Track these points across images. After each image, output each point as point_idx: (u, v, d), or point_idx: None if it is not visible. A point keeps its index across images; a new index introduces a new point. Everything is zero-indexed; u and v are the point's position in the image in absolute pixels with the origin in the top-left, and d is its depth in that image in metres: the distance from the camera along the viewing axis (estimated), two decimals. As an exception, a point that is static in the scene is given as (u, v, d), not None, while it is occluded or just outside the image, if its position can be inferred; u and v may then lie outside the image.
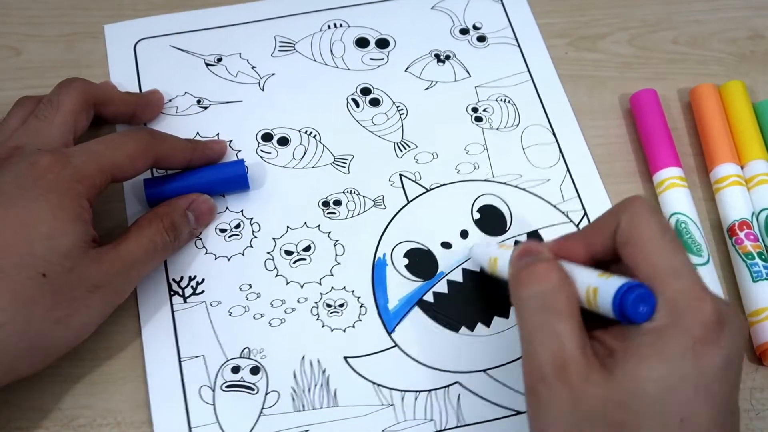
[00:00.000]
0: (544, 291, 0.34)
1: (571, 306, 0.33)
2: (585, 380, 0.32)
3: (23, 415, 0.41)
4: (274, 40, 0.53)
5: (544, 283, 0.34)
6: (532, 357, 0.33)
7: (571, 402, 0.32)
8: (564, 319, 0.33)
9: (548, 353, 0.33)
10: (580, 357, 0.32)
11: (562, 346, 0.32)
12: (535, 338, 0.33)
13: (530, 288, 0.34)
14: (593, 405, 0.32)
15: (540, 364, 0.33)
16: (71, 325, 0.38)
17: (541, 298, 0.34)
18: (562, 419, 0.32)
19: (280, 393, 0.42)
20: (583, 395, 0.32)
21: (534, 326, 0.34)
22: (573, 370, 0.32)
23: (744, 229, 0.45)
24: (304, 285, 0.45)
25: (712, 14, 0.55)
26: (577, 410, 0.32)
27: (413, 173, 0.48)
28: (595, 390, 0.32)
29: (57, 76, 0.45)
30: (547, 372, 0.32)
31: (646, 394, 0.31)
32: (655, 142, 0.48)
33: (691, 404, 0.31)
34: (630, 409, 0.32)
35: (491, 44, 0.53)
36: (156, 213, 0.43)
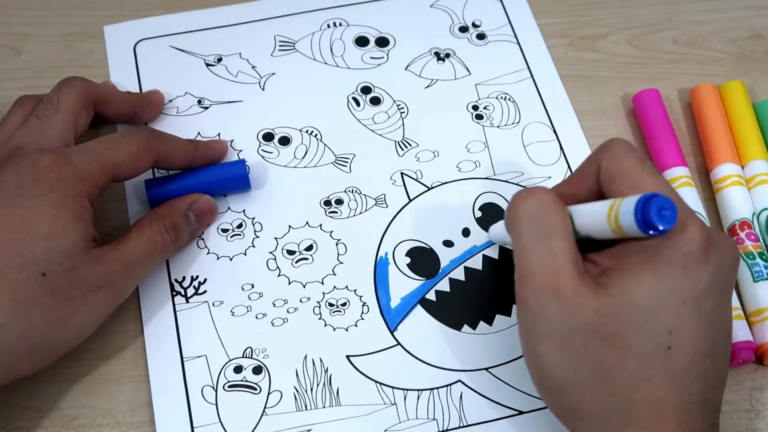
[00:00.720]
0: (540, 209, 0.35)
1: (565, 225, 0.34)
2: (577, 294, 0.33)
3: (23, 415, 0.41)
4: (274, 39, 0.53)
5: (539, 201, 0.35)
6: (525, 272, 0.34)
7: (563, 315, 0.33)
8: (558, 237, 0.34)
9: (541, 268, 0.34)
10: (573, 272, 0.33)
11: (555, 261, 0.33)
12: (529, 254, 0.34)
13: (526, 205, 0.35)
14: (584, 317, 0.33)
15: (533, 279, 0.34)
16: (71, 325, 0.38)
17: (536, 215, 0.35)
18: (554, 331, 0.33)
19: (282, 392, 0.42)
20: (574, 308, 0.33)
21: (528, 242, 0.34)
22: (565, 284, 0.33)
23: (745, 229, 0.45)
24: (307, 284, 0.45)
25: (712, 14, 0.55)
26: (569, 322, 0.33)
27: (414, 172, 0.48)
28: (587, 303, 0.33)
29: (57, 76, 0.45)
30: (540, 286, 0.33)
31: (637, 306, 0.33)
32: (661, 142, 0.48)
33: (680, 317, 0.33)
34: (620, 321, 0.33)
35: (491, 42, 0.53)
36: (157, 213, 0.43)
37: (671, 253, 0.33)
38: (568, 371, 0.34)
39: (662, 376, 0.33)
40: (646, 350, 0.33)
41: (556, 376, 0.34)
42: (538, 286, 0.33)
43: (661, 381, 0.33)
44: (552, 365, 0.34)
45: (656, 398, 0.33)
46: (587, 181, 0.37)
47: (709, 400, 0.34)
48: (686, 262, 0.33)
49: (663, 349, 0.33)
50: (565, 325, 0.33)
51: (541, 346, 0.34)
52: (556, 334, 0.33)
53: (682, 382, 0.33)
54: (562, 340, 0.33)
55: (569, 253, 0.34)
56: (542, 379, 0.35)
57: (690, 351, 0.33)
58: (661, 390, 0.33)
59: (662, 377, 0.33)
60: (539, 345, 0.34)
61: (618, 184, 0.36)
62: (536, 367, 0.35)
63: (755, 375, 0.43)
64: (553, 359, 0.34)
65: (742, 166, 0.48)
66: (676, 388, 0.33)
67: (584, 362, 0.33)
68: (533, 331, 0.34)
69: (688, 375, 0.33)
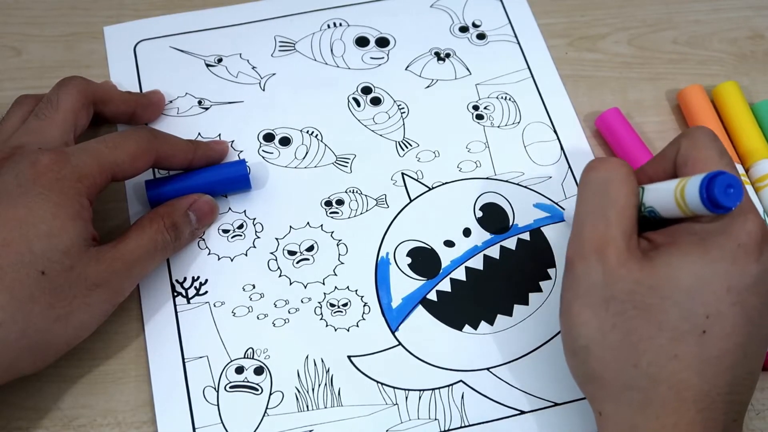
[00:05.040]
0: (608, 178, 0.36)
1: (627, 198, 0.35)
2: (622, 264, 0.34)
3: (23, 415, 0.41)
4: (274, 40, 0.53)
5: (610, 172, 0.36)
6: (578, 235, 0.35)
7: (604, 279, 0.34)
8: (617, 208, 0.35)
9: (593, 233, 0.35)
10: (622, 243, 0.34)
11: (607, 231, 0.34)
12: (586, 219, 0.35)
13: (596, 173, 0.36)
14: (625, 285, 0.33)
15: (583, 242, 0.35)
16: (71, 323, 0.38)
17: (602, 184, 0.36)
18: (591, 293, 0.34)
19: (284, 393, 0.42)
20: (616, 276, 0.34)
21: (589, 208, 0.36)
22: (612, 252, 0.34)
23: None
24: (308, 285, 0.45)
25: (712, 14, 0.55)
26: (609, 288, 0.34)
27: (415, 172, 0.48)
28: (629, 273, 0.33)
29: (57, 76, 0.45)
30: (588, 249, 0.35)
31: (680, 283, 0.33)
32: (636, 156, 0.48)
33: (720, 303, 0.33)
34: (660, 295, 0.33)
35: (491, 42, 0.53)
36: (157, 212, 0.43)
37: (725, 240, 0.33)
38: (597, 334, 0.34)
39: (691, 359, 0.33)
40: (679, 329, 0.33)
41: (584, 336, 0.34)
42: (586, 250, 0.35)
43: (689, 363, 0.33)
44: (582, 325, 0.34)
45: (680, 379, 0.33)
46: (665, 163, 0.38)
47: (736, 394, 0.34)
48: (738, 253, 0.33)
49: (698, 331, 0.33)
50: (604, 290, 0.34)
51: (576, 305, 0.35)
52: (593, 297, 0.34)
53: (710, 369, 0.33)
54: (598, 304, 0.34)
55: (624, 226, 0.34)
56: (570, 339, 0.36)
57: (724, 340, 0.33)
58: (685, 372, 0.33)
59: (691, 360, 0.33)
60: (574, 304, 0.35)
61: (691, 168, 0.36)
62: (567, 326, 0.36)
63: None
64: (584, 319, 0.34)
65: (747, 168, 0.48)
66: (702, 374, 0.33)
67: (615, 329, 0.34)
68: (573, 290, 0.35)
69: (719, 363, 0.33)
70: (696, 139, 0.37)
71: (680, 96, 0.51)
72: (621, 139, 0.48)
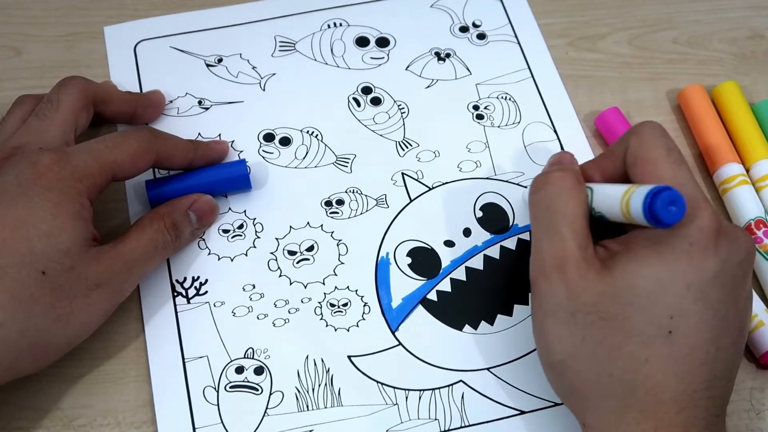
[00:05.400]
0: (554, 194, 0.37)
1: (576, 211, 0.36)
2: (582, 277, 0.34)
3: (23, 414, 0.41)
4: (274, 40, 0.53)
5: (556, 188, 0.37)
6: (537, 254, 0.36)
7: (567, 295, 0.35)
8: (569, 222, 0.36)
9: (551, 251, 0.36)
10: (580, 256, 0.35)
11: (563, 246, 0.35)
12: (542, 238, 0.36)
13: (543, 191, 0.37)
14: (587, 298, 0.34)
15: (542, 261, 0.36)
16: (71, 323, 0.38)
17: (551, 201, 0.37)
18: (558, 310, 0.35)
19: (284, 393, 0.42)
20: (578, 289, 0.34)
21: (542, 227, 0.37)
22: (571, 267, 0.35)
23: (761, 227, 0.45)
24: (308, 285, 0.45)
25: (712, 14, 0.55)
26: (573, 302, 0.34)
27: (415, 172, 0.48)
28: (591, 285, 0.34)
29: (57, 76, 0.45)
30: (548, 268, 0.36)
31: (639, 289, 0.33)
32: None
33: (682, 302, 0.33)
34: (622, 303, 0.34)
35: (491, 42, 0.53)
36: (157, 212, 0.43)
37: (677, 242, 0.34)
38: (570, 348, 0.35)
39: (662, 360, 0.33)
40: (646, 333, 0.33)
41: (558, 351, 0.35)
42: (547, 268, 0.35)
43: (661, 365, 0.33)
44: (555, 341, 0.35)
45: (655, 383, 0.33)
46: (615, 160, 0.39)
47: (714, 389, 0.34)
48: (692, 251, 0.33)
49: (664, 332, 0.33)
50: (569, 304, 0.34)
51: (547, 322, 0.35)
52: (561, 313, 0.35)
53: (683, 367, 0.33)
54: (566, 319, 0.35)
55: (578, 239, 0.35)
56: (546, 354, 0.36)
57: (692, 337, 0.33)
58: (660, 375, 0.33)
59: (662, 361, 0.33)
60: (545, 322, 0.36)
61: (640, 168, 0.37)
62: (541, 342, 0.37)
63: (755, 375, 0.43)
64: (556, 335, 0.35)
65: (747, 168, 0.48)
66: (676, 373, 0.33)
67: (586, 341, 0.34)
68: (541, 308, 0.36)
69: (691, 361, 0.33)
70: (643, 137, 0.37)
71: (680, 96, 0.51)
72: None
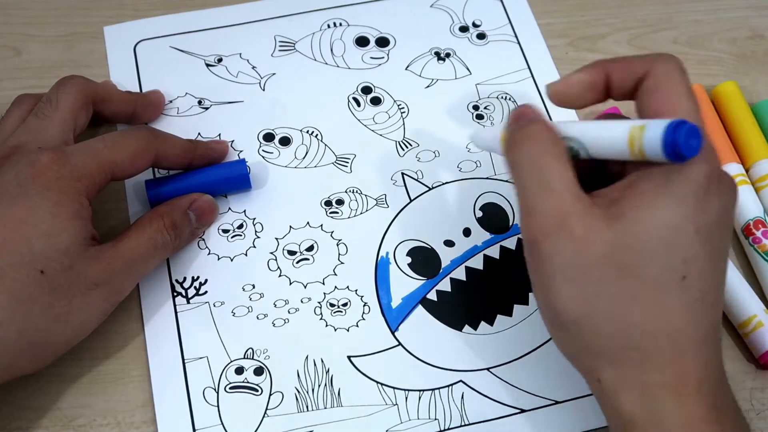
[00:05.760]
0: (538, 150, 0.34)
1: (564, 163, 0.34)
2: (587, 229, 0.33)
3: (23, 414, 0.41)
4: (274, 40, 0.53)
5: (537, 142, 0.35)
6: (531, 214, 0.34)
7: (577, 251, 0.33)
8: (557, 177, 0.34)
9: (547, 208, 0.33)
10: (581, 209, 0.33)
11: (560, 201, 0.33)
12: (532, 196, 0.34)
13: (524, 148, 0.35)
14: (598, 250, 0.33)
15: (539, 220, 0.33)
16: (70, 323, 0.38)
17: (535, 157, 0.34)
18: (566, 268, 0.33)
19: (283, 393, 0.42)
20: (587, 243, 0.33)
21: (530, 186, 0.34)
22: (575, 222, 0.33)
23: (760, 227, 0.45)
24: (307, 285, 0.45)
25: (712, 14, 0.55)
26: (584, 258, 0.33)
27: (415, 172, 0.48)
28: (599, 236, 0.33)
29: (57, 76, 0.45)
30: (548, 226, 0.33)
31: (652, 235, 0.32)
32: None
33: (693, 246, 0.33)
34: (637, 251, 0.32)
35: (491, 41, 0.53)
36: (157, 212, 0.43)
37: (686, 183, 0.33)
38: (584, 307, 0.33)
39: (679, 306, 0.33)
40: (663, 279, 0.33)
41: (571, 311, 0.33)
42: (547, 226, 0.33)
43: (678, 311, 0.33)
44: (567, 301, 0.33)
45: (674, 329, 0.33)
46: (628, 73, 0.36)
47: (717, 331, 0.34)
48: (699, 193, 0.33)
49: (678, 277, 0.33)
50: (580, 260, 0.33)
51: (555, 284, 0.33)
52: (570, 271, 0.33)
53: (697, 312, 0.33)
54: (577, 276, 0.33)
55: (573, 191, 0.33)
56: (556, 317, 0.34)
57: (703, 280, 0.33)
58: (678, 320, 0.33)
59: (679, 307, 0.33)
60: (552, 283, 0.33)
61: (658, 97, 0.35)
62: (549, 305, 0.34)
63: (755, 375, 0.43)
64: (567, 296, 0.33)
65: (747, 168, 0.48)
66: (691, 319, 0.33)
67: (601, 296, 0.33)
68: (545, 271, 0.34)
69: (703, 305, 0.33)
70: (672, 69, 0.35)
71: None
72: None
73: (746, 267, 0.46)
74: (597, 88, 0.37)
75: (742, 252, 0.47)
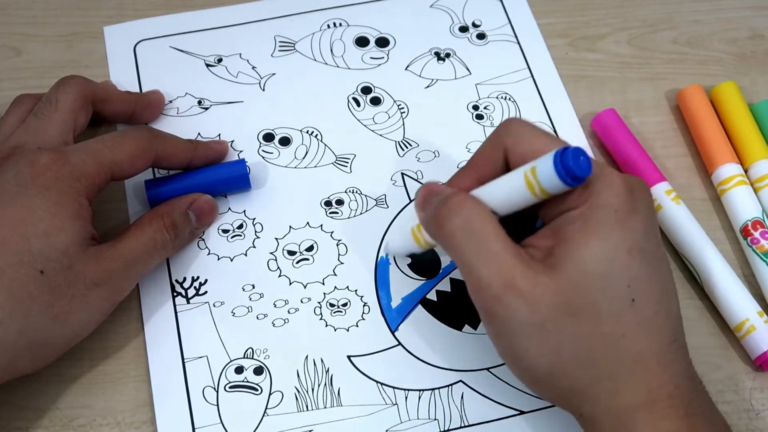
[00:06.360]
0: (467, 219, 0.35)
1: (494, 224, 0.35)
2: (534, 285, 0.34)
3: (23, 414, 0.41)
4: (274, 40, 0.53)
5: (464, 212, 0.35)
6: (479, 282, 0.34)
7: (530, 308, 0.34)
8: (493, 238, 0.34)
9: (493, 273, 0.34)
10: (522, 266, 0.34)
11: (502, 263, 0.34)
12: (476, 265, 0.34)
13: (454, 221, 0.35)
14: (549, 302, 0.33)
15: (488, 286, 0.34)
16: (70, 322, 0.38)
17: (467, 227, 0.35)
18: (524, 326, 0.34)
19: (283, 393, 0.42)
20: (536, 298, 0.33)
21: (469, 253, 0.35)
22: (520, 280, 0.34)
23: (758, 228, 0.45)
24: (307, 285, 0.45)
25: (712, 14, 0.55)
26: (537, 313, 0.34)
27: (415, 172, 0.48)
28: (546, 289, 0.33)
29: (57, 76, 0.45)
30: (497, 290, 0.34)
31: (593, 273, 0.33)
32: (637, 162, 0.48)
33: (631, 268, 0.34)
34: (583, 292, 0.33)
35: (491, 42, 0.53)
36: (157, 212, 0.43)
37: (604, 213, 0.34)
38: (551, 357, 0.34)
39: (635, 328, 0.34)
40: (614, 309, 0.34)
41: (542, 365, 0.35)
42: (496, 291, 0.34)
43: (636, 333, 0.34)
44: (535, 357, 0.34)
45: (636, 351, 0.34)
46: (491, 166, 0.38)
47: (679, 337, 0.35)
48: (619, 217, 0.34)
49: (628, 302, 0.34)
50: (535, 316, 0.34)
51: (519, 343, 0.34)
52: (528, 328, 0.34)
53: (653, 327, 0.34)
54: (537, 331, 0.34)
55: (511, 250, 0.34)
56: (529, 373, 0.36)
57: (651, 296, 0.34)
58: (638, 342, 0.34)
59: (635, 329, 0.34)
60: (516, 343, 0.35)
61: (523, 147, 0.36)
62: (519, 364, 0.36)
63: (755, 375, 0.43)
64: (534, 352, 0.34)
65: (746, 168, 0.48)
66: (649, 335, 0.34)
67: (564, 343, 0.34)
68: (506, 332, 0.35)
69: (657, 318, 0.34)
70: (520, 134, 0.37)
71: (679, 96, 0.51)
72: (616, 141, 0.48)
73: (745, 268, 0.46)
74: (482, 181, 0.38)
75: (741, 253, 0.47)
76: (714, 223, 0.48)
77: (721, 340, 0.44)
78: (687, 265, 0.46)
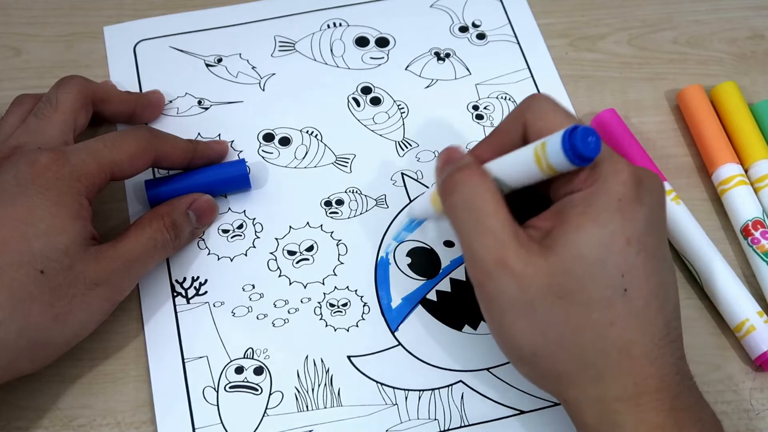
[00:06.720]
0: (470, 193, 0.35)
1: (496, 201, 0.35)
2: (527, 264, 0.34)
3: (23, 415, 0.41)
4: (274, 40, 0.53)
5: (468, 185, 0.36)
6: (473, 256, 0.35)
7: (519, 286, 0.34)
8: (492, 215, 0.35)
9: (486, 249, 0.34)
10: (517, 245, 0.34)
11: (497, 239, 0.34)
12: (472, 239, 0.35)
13: (456, 194, 0.36)
14: (540, 282, 0.34)
15: (482, 261, 0.35)
16: (70, 322, 0.38)
17: (468, 201, 0.35)
18: (513, 305, 0.34)
19: (283, 393, 0.42)
20: (527, 278, 0.34)
21: (468, 228, 0.35)
22: (513, 258, 0.34)
23: (759, 228, 0.45)
24: (307, 285, 0.45)
25: (712, 14, 0.55)
26: (527, 292, 0.34)
27: (415, 172, 0.48)
28: (539, 269, 0.34)
29: (57, 76, 0.45)
30: (489, 266, 0.34)
31: (586, 258, 0.33)
32: None
33: (627, 258, 0.34)
34: (575, 276, 0.33)
35: (491, 42, 0.53)
36: (157, 211, 0.43)
37: (606, 200, 0.34)
38: (538, 338, 0.34)
39: (625, 319, 0.34)
40: (604, 297, 0.34)
41: (527, 344, 0.35)
42: (488, 267, 0.34)
43: (626, 323, 0.34)
44: (520, 335, 0.35)
45: (624, 342, 0.34)
46: (510, 138, 0.38)
47: (672, 331, 0.35)
48: (622, 206, 0.34)
49: (620, 292, 0.34)
50: (524, 295, 0.34)
51: (506, 319, 0.35)
52: (517, 306, 0.34)
53: (644, 320, 0.34)
54: (525, 310, 0.34)
55: (508, 228, 0.34)
56: (514, 351, 0.36)
57: (645, 288, 0.34)
58: (627, 333, 0.34)
59: (625, 320, 0.34)
60: (504, 319, 0.35)
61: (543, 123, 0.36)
62: (506, 341, 0.36)
63: (755, 375, 0.43)
64: (520, 330, 0.35)
65: (746, 168, 0.48)
66: (639, 326, 0.34)
67: (551, 325, 0.34)
68: (494, 309, 0.35)
69: (649, 310, 0.34)
70: (541, 110, 0.37)
71: (679, 96, 0.51)
72: (616, 141, 0.48)
73: (745, 268, 0.46)
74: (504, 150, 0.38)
75: (741, 253, 0.47)
76: (714, 223, 0.48)
77: (720, 340, 0.44)
78: (687, 265, 0.46)
